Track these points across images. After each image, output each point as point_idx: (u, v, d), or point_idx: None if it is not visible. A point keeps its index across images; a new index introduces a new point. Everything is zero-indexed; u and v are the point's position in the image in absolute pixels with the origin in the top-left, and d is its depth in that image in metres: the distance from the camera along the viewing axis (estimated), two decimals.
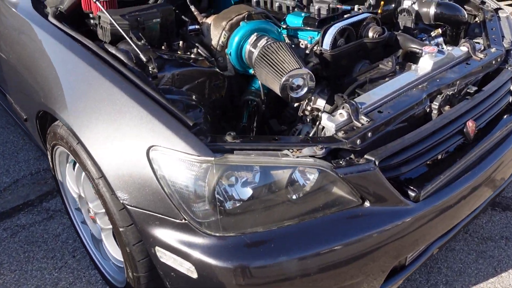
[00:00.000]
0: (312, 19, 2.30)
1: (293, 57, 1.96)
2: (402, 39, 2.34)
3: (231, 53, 2.26)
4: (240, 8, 2.35)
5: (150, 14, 2.15)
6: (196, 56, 2.19)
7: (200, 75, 2.11)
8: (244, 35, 2.22)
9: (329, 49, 2.15)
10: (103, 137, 1.73)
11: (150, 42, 2.20)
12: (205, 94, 2.16)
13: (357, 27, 2.26)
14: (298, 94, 1.95)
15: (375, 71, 2.20)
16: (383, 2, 2.50)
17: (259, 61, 2.02)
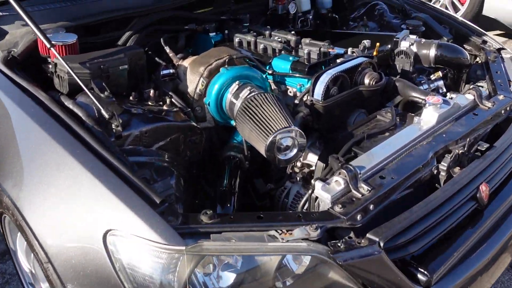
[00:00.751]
0: (301, 64, 2.07)
1: (281, 112, 1.71)
2: (401, 86, 2.11)
3: (209, 103, 2.01)
4: (220, 52, 2.11)
5: (116, 60, 1.90)
6: (169, 107, 1.93)
7: (174, 131, 1.85)
8: (224, 83, 1.97)
9: (321, 99, 1.92)
10: (51, 216, 1.45)
11: (116, 92, 1.94)
12: (179, 152, 1.89)
13: (351, 73, 2.04)
14: (287, 156, 1.70)
15: (373, 123, 1.96)
16: (378, 44, 2.29)
17: (242, 115, 1.77)
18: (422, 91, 2.04)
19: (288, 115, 1.71)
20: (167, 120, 1.83)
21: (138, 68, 2.05)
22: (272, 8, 2.91)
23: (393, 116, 1.93)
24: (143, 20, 2.28)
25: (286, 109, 1.76)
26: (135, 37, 2.25)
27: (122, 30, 2.29)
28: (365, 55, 2.11)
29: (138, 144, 1.75)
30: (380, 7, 2.89)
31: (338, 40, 2.60)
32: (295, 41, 2.24)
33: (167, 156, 1.82)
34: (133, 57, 2.01)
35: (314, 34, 2.79)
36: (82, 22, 2.15)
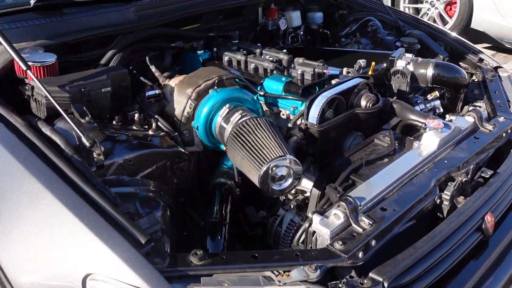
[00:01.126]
0: (294, 85, 1.98)
1: (275, 138, 1.61)
2: (399, 108, 2.04)
3: (198, 127, 1.90)
4: (209, 72, 2.02)
5: (98, 82, 1.79)
6: (155, 132, 1.82)
7: (160, 158, 1.74)
8: (214, 106, 1.87)
9: (316, 123, 1.83)
10: (23, 257, 1.32)
11: (98, 116, 1.83)
12: (166, 180, 1.78)
13: (347, 94, 1.96)
14: (281, 186, 1.60)
15: (371, 148, 1.88)
16: (374, 63, 2.22)
17: (233, 141, 1.67)
18: (421, 113, 1.97)
19: (283, 142, 1.62)
20: (153, 147, 1.72)
21: (122, 89, 1.94)
22: (262, 24, 2.83)
23: (392, 141, 1.85)
24: (127, 38, 2.17)
25: (280, 135, 1.66)
26: (119, 56, 2.14)
27: (104, 48, 2.18)
28: (361, 76, 2.04)
29: (121, 173, 1.63)
30: (373, 23, 2.83)
31: (330, 57, 2.53)
32: (287, 61, 2.15)
33: (153, 185, 1.71)
34: (116, 78, 1.90)
35: (305, 51, 2.73)
36: (62, 40, 2.04)
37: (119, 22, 2.19)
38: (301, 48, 2.79)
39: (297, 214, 1.93)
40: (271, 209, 1.97)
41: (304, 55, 2.66)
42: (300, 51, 2.69)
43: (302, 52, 2.69)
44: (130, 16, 2.22)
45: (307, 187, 1.95)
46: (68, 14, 2.15)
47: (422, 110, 2.35)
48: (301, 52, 2.69)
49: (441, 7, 6.16)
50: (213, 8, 2.47)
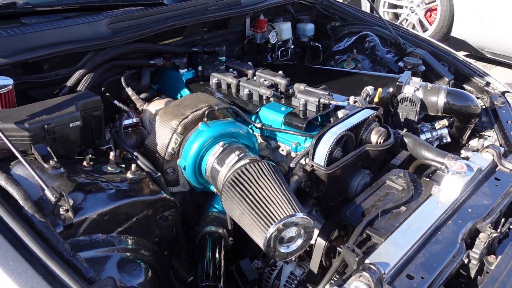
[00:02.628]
0: (297, 118, 1.75)
1: (282, 190, 1.38)
2: (411, 144, 1.84)
3: (185, 166, 1.65)
4: (197, 100, 1.76)
5: (66, 116, 1.50)
6: (134, 174, 1.55)
7: (141, 209, 1.47)
8: (205, 143, 1.62)
9: (323, 165, 1.60)
10: None
11: (65, 155, 1.54)
12: (148, 233, 1.51)
13: (357, 129, 1.74)
14: (290, 248, 1.37)
15: (383, 192, 1.67)
16: (380, 90, 2.02)
17: (230, 191, 1.43)
18: (438, 152, 1.78)
19: (291, 195, 1.39)
20: (132, 195, 1.46)
21: (93, 120, 1.66)
22: (249, 36, 2.59)
23: (408, 185, 1.65)
24: (99, 56, 1.88)
25: (286, 184, 1.43)
26: (89, 77, 1.86)
27: (71, 67, 1.89)
28: (371, 107, 1.83)
29: (95, 231, 1.36)
30: (371, 39, 2.63)
31: (328, 78, 2.32)
32: (284, 85, 1.92)
33: (131, 242, 1.44)
34: (87, 107, 1.61)
35: (299, 69, 2.52)
36: (20, 58, 1.73)
37: (89, 36, 1.90)
38: (294, 66, 2.56)
39: (298, 266, 1.72)
40: (267, 258, 1.75)
41: (297, 73, 2.45)
42: (292, 69, 2.48)
43: (295, 70, 2.48)
44: (102, 30, 1.93)
45: None
46: (28, 25, 1.84)
47: (429, 139, 2.18)
48: (293, 70, 2.48)
49: (421, 13, 6.08)
50: (196, 21, 2.20)
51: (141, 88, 2.11)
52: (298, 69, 2.49)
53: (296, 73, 2.45)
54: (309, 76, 2.41)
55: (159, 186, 1.63)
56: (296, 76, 2.39)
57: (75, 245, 1.30)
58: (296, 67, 2.53)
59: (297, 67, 2.53)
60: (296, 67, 2.53)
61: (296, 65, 2.58)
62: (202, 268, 1.58)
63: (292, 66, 2.54)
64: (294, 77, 2.36)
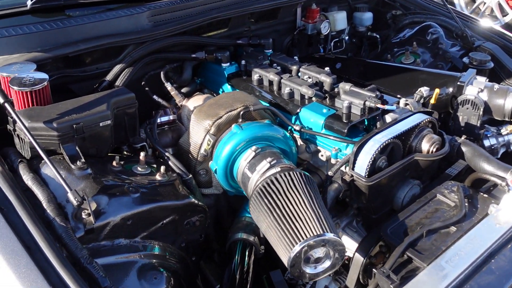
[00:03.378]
0: (339, 122, 1.62)
1: (313, 206, 1.27)
2: (470, 154, 1.65)
3: (217, 170, 1.58)
4: (233, 99, 1.68)
5: (96, 115, 1.48)
6: (163, 176, 1.50)
7: (167, 214, 1.43)
8: (237, 146, 1.54)
9: (364, 175, 1.47)
10: None
11: (96, 154, 1.53)
12: (174, 239, 1.47)
13: (406, 136, 1.59)
14: (316, 269, 1.26)
15: (432, 207, 1.51)
16: (438, 90, 1.83)
17: (258, 200, 1.34)
18: (500, 164, 1.58)
19: (322, 211, 1.27)
20: (158, 200, 1.41)
21: (128, 118, 1.63)
22: (300, 27, 2.46)
23: (462, 202, 1.47)
24: (139, 50, 1.85)
25: (318, 198, 1.32)
26: (128, 71, 1.83)
27: (112, 61, 1.87)
28: (424, 111, 1.65)
29: (118, 236, 1.33)
30: (434, 31, 2.41)
31: (381, 75, 2.15)
32: (330, 84, 1.79)
33: (157, 247, 1.41)
34: (121, 105, 1.59)
35: (350, 63, 2.35)
36: (61, 52, 1.73)
37: (130, 29, 1.86)
38: (346, 59, 2.40)
39: (334, 280, 1.61)
40: None
41: (349, 68, 2.29)
42: (344, 63, 2.32)
43: (347, 64, 2.33)
44: (143, 23, 1.89)
45: (348, 246, 1.62)
46: (70, 18, 1.83)
47: (493, 146, 1.95)
48: (345, 64, 2.32)
49: None
50: (242, 11, 2.11)
51: (183, 82, 2.06)
52: (350, 63, 2.33)
53: (348, 67, 2.31)
54: (361, 71, 2.25)
55: (190, 189, 1.58)
56: (348, 70, 2.25)
57: (96, 250, 1.28)
58: (348, 60, 2.37)
59: (349, 61, 2.37)
60: (348, 60, 2.37)
61: (348, 59, 2.41)
62: (228, 275, 1.52)
63: (344, 59, 2.37)
64: (346, 71, 2.23)
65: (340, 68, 2.29)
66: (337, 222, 1.62)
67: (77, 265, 1.16)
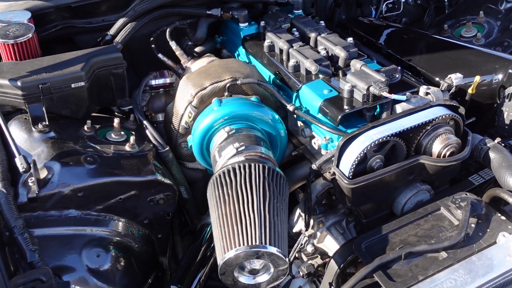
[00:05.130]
0: (335, 107, 1.38)
1: (263, 211, 1.11)
2: (497, 163, 1.35)
3: (192, 146, 1.45)
4: (223, 69, 1.51)
5: (67, 76, 1.40)
6: (133, 147, 1.42)
7: (125, 189, 1.35)
8: (214, 123, 1.39)
9: (348, 176, 1.26)
10: None
11: (71, 115, 1.48)
12: (135, 215, 1.40)
13: (414, 133, 1.32)
14: (254, 280, 1.11)
15: (430, 223, 1.27)
16: (478, 79, 1.49)
17: (211, 190, 1.21)
18: None
19: (272, 218, 1.10)
20: (117, 174, 1.33)
21: (114, 78, 1.55)
22: None
23: (464, 223, 1.20)
24: (142, 4, 1.72)
25: (277, 202, 1.15)
26: (131, 26, 1.72)
27: (120, 13, 1.77)
28: (447, 104, 1.35)
29: (67, 206, 1.29)
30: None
31: (426, 50, 1.82)
32: (344, 59, 1.53)
33: (114, 222, 1.34)
34: (105, 64, 1.50)
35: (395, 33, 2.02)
36: (62, 2, 1.67)
37: None
38: (394, 29, 2.05)
39: (310, 282, 1.45)
40: None
41: (393, 38, 1.97)
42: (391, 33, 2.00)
43: (393, 34, 2.00)
44: None
45: (330, 248, 1.44)
46: None
47: None
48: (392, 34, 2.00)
49: None
50: None
51: (197, 40, 1.92)
52: (396, 34, 2.00)
53: (392, 38, 1.98)
54: (406, 44, 1.92)
55: (165, 162, 1.48)
56: (391, 41, 1.93)
57: (42, 219, 1.25)
58: (396, 31, 2.03)
59: (397, 31, 2.02)
60: (396, 31, 2.03)
61: (397, 29, 2.05)
62: (186, 258, 1.43)
63: (392, 29, 2.03)
64: (389, 43, 1.92)
65: (385, 39, 1.98)
66: (320, 220, 1.43)
67: (9, 235, 1.13)
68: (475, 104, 1.60)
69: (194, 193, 1.65)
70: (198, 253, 1.45)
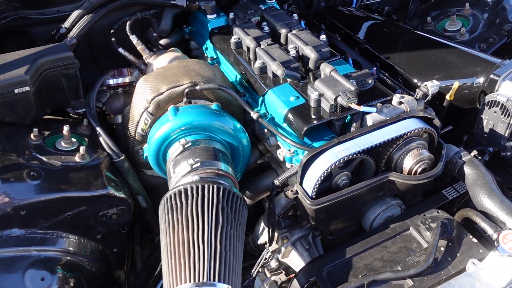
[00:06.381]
0: (301, 118, 1.28)
1: (214, 242, 1.03)
2: (472, 179, 1.28)
3: (148, 157, 1.36)
4: (184, 71, 1.40)
5: (9, 82, 1.29)
6: (82, 158, 1.32)
7: (73, 205, 1.26)
8: (170, 133, 1.29)
9: (311, 196, 1.18)
10: None
11: (18, 121, 1.37)
12: (86, 231, 1.31)
13: (385, 147, 1.23)
14: None
15: (397, 245, 1.20)
16: (457, 85, 1.39)
17: (162, 211, 1.13)
18: (505, 203, 1.18)
19: (224, 249, 1.02)
20: (63, 190, 1.24)
21: (66, 79, 1.44)
22: None
23: (433, 247, 1.14)
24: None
25: (232, 228, 1.06)
26: (88, 18, 1.60)
27: (76, 3, 1.64)
28: (422, 116, 1.26)
29: (10, 225, 1.20)
30: None
31: (405, 46, 1.71)
32: (314, 62, 1.43)
33: (62, 240, 1.26)
34: (54, 65, 1.39)
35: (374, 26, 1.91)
36: None
37: None
38: (373, 22, 1.93)
39: None
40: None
41: (373, 32, 1.86)
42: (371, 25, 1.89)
43: (373, 27, 1.89)
44: None
45: (295, 263, 1.37)
46: None
47: None
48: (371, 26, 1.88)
49: None
50: None
51: (162, 32, 1.79)
52: (376, 26, 1.88)
53: (372, 31, 1.87)
54: (385, 39, 1.82)
55: (120, 172, 1.39)
56: (370, 35, 1.82)
57: None
58: (375, 23, 1.91)
59: (376, 24, 1.90)
60: (375, 23, 1.91)
61: (376, 22, 1.93)
62: (144, 270, 1.36)
63: (361, 19, 1.91)
64: (368, 36, 1.80)
65: (365, 32, 1.87)
66: (285, 235, 1.36)
67: None
68: (454, 108, 1.52)
69: (156, 200, 1.57)
70: (157, 265, 1.38)
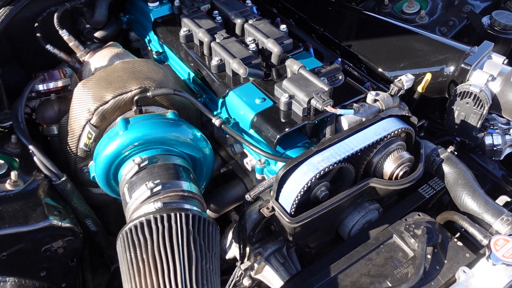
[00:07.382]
0: (270, 124, 1.15)
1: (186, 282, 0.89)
2: (452, 179, 1.22)
3: (95, 177, 1.17)
4: (131, 75, 1.21)
5: None
6: (14, 185, 1.11)
7: (8, 244, 1.06)
8: (121, 151, 1.11)
9: (290, 212, 1.06)
10: None
11: None
12: (27, 270, 1.12)
13: (364, 152, 1.14)
14: None
15: (382, 256, 1.12)
16: (429, 77, 1.32)
17: (121, 246, 0.97)
18: (489, 204, 1.14)
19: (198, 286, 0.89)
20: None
21: None
22: None
23: (422, 256, 1.07)
24: None
25: (203, 261, 0.93)
26: (5, 11, 1.35)
27: None
28: (401, 115, 1.18)
29: None
30: None
31: (367, 33, 1.62)
32: (277, 57, 1.29)
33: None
34: None
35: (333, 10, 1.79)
36: None
37: None
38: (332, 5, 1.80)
39: None
40: None
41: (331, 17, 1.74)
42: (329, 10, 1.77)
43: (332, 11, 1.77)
44: None
45: (270, 280, 1.27)
46: None
47: (496, 147, 1.49)
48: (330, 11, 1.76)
49: None
50: None
51: (96, 23, 1.57)
52: (334, 11, 1.77)
53: (331, 16, 1.75)
54: (345, 25, 1.71)
55: (62, 195, 1.20)
56: (329, 20, 1.71)
57: None
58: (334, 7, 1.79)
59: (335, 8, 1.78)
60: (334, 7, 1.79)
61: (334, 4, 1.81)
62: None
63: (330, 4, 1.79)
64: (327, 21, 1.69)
65: (319, 15, 1.75)
66: (258, 251, 1.25)
67: None
68: (421, 98, 1.45)
69: (107, 218, 1.40)
70: None
